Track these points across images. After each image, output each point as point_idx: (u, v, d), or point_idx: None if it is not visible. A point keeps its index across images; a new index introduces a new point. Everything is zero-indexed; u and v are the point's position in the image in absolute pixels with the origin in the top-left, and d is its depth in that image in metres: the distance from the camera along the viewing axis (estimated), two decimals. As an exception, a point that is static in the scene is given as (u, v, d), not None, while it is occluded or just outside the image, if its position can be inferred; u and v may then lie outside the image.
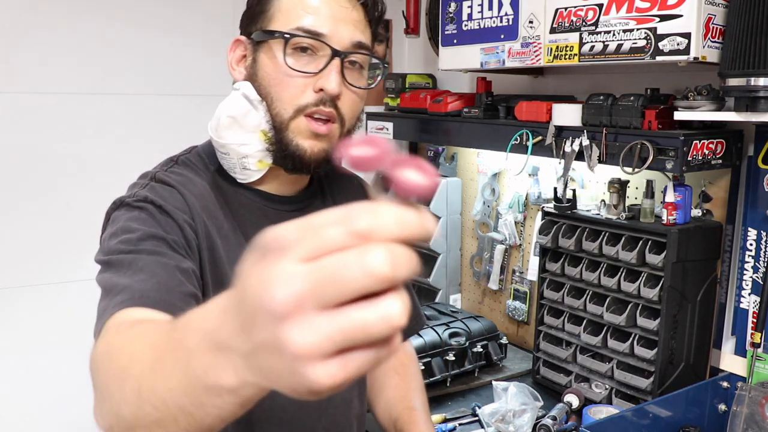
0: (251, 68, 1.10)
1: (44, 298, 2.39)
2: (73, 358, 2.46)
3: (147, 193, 1.00)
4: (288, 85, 1.06)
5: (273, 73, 1.07)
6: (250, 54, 1.12)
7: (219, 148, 1.09)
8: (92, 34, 2.38)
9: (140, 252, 0.94)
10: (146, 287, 0.90)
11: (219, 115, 1.08)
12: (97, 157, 2.44)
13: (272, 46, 1.08)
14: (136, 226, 0.96)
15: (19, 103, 2.29)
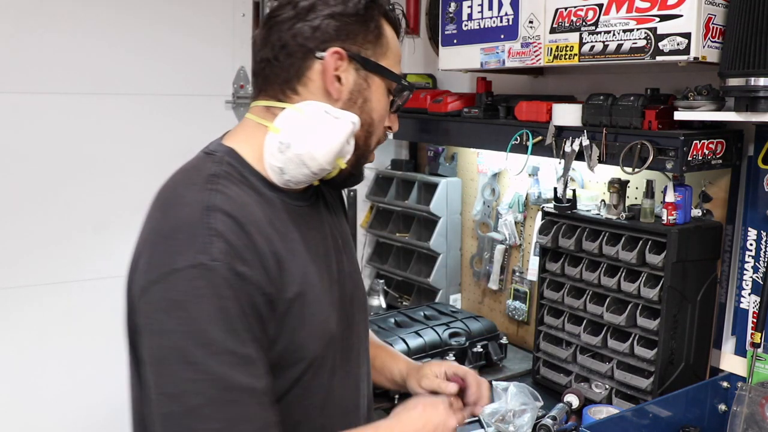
0: (360, 94, 1.10)
1: (44, 298, 2.39)
2: (73, 357, 2.46)
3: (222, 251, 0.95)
4: (383, 121, 1.14)
5: (381, 109, 1.12)
6: (352, 74, 1.10)
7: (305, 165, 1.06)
8: (92, 35, 2.38)
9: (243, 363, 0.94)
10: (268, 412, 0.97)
11: (333, 143, 1.06)
12: (97, 157, 2.44)
13: (384, 83, 1.12)
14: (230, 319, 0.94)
15: (19, 103, 2.29)
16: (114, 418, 2.57)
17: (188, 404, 0.92)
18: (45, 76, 2.32)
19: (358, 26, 1.08)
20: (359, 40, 1.09)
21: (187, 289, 0.93)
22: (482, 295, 2.71)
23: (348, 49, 1.08)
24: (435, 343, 2.09)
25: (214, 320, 0.93)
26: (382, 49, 1.11)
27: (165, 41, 2.52)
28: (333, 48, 1.06)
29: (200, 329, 0.93)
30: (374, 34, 1.10)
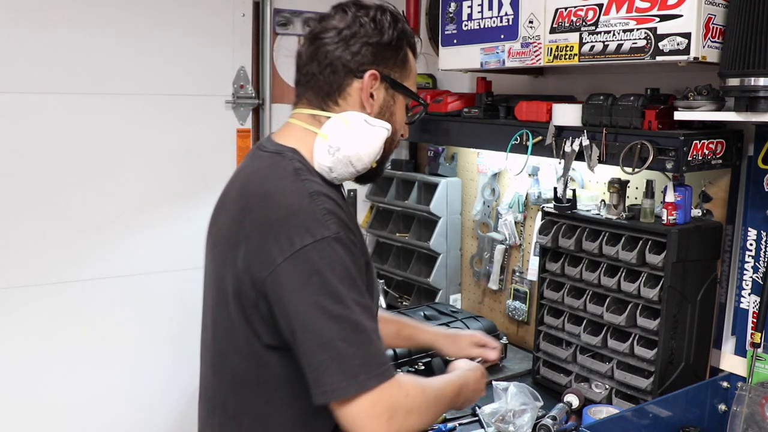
0: (388, 108, 1.35)
1: (44, 298, 2.39)
2: (73, 357, 2.46)
3: (339, 227, 1.19)
4: (399, 132, 1.41)
5: (401, 121, 1.39)
6: (383, 91, 1.35)
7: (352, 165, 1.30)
8: (93, 35, 2.38)
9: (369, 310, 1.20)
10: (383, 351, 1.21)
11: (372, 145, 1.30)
12: (97, 156, 2.44)
13: (404, 99, 1.38)
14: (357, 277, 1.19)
15: (19, 103, 2.29)
16: (114, 416, 2.58)
17: (339, 349, 1.14)
18: (45, 76, 2.32)
19: (390, 53, 1.33)
20: (390, 64, 1.34)
21: (317, 258, 1.15)
22: (482, 295, 2.71)
23: (381, 71, 1.32)
24: (435, 343, 2.09)
25: (343, 280, 1.16)
26: (406, 72, 1.37)
27: (165, 41, 2.51)
28: (370, 70, 1.30)
29: (334, 289, 1.15)
30: (402, 60, 1.36)
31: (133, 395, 2.56)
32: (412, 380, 1.26)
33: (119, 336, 2.53)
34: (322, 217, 1.18)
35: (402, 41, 1.35)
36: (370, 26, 1.31)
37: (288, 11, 2.79)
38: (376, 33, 1.31)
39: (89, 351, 2.49)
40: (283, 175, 1.25)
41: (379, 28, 1.31)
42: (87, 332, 2.48)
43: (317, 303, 1.14)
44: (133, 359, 2.55)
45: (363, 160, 1.29)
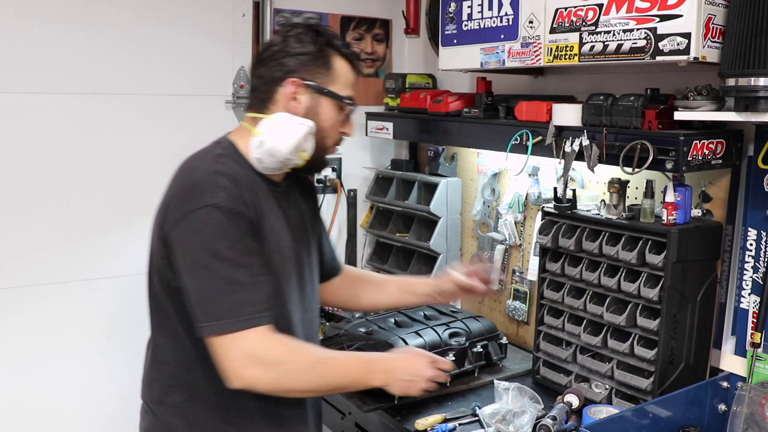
0: (311, 109, 1.55)
1: (44, 298, 2.39)
2: (73, 356, 2.46)
3: (225, 197, 1.42)
4: (336, 129, 1.60)
5: (331, 119, 1.58)
6: (307, 95, 1.55)
7: (272, 156, 1.51)
8: (93, 35, 2.38)
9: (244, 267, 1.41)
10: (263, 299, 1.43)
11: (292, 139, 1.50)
12: (97, 156, 2.44)
13: (334, 101, 1.57)
14: (233, 237, 1.41)
15: (19, 103, 2.29)
16: (115, 415, 2.57)
17: (207, 294, 1.39)
18: (45, 76, 2.32)
19: (310, 61, 1.55)
20: (312, 72, 1.55)
21: (201, 221, 1.40)
22: (482, 295, 2.71)
23: (303, 78, 1.54)
24: (435, 343, 2.09)
25: (223, 241, 1.40)
26: (331, 78, 1.56)
27: (165, 41, 2.51)
28: (291, 78, 1.53)
29: (211, 246, 1.40)
30: (324, 66, 1.55)
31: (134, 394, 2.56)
32: (284, 338, 1.43)
33: (119, 336, 2.53)
34: (212, 190, 1.42)
35: (324, 50, 1.56)
36: (293, 41, 1.55)
37: (288, 11, 2.79)
38: (298, 46, 1.55)
39: (89, 350, 2.49)
40: (204, 158, 1.52)
41: (301, 42, 1.55)
42: (87, 332, 2.48)
43: (196, 258, 1.40)
44: (134, 359, 2.55)
45: (282, 152, 1.49)
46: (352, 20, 2.96)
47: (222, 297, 1.38)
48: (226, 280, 1.38)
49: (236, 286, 1.39)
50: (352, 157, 2.99)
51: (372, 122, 2.78)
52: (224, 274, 1.39)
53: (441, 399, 2.03)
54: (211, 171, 1.46)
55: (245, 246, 1.42)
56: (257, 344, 1.38)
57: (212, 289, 1.39)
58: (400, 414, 1.94)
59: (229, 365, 1.38)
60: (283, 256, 1.55)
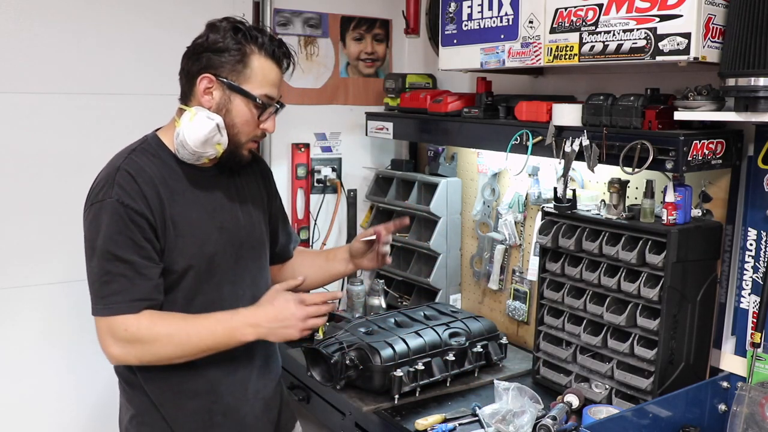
0: (222, 106, 1.61)
1: (44, 298, 2.39)
2: (73, 356, 2.46)
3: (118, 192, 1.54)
4: (251, 125, 1.64)
5: (243, 116, 1.62)
6: (220, 91, 1.61)
7: (185, 149, 1.60)
8: (92, 35, 2.38)
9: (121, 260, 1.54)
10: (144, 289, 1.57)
11: (198, 133, 1.58)
12: (97, 156, 2.42)
13: (244, 100, 1.61)
14: (117, 231, 1.53)
15: (19, 103, 2.29)
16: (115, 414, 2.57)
17: (91, 280, 1.57)
18: (45, 76, 2.32)
19: (224, 58, 1.59)
20: (227, 69, 1.59)
21: (95, 214, 1.54)
22: (482, 295, 2.71)
23: (216, 74, 1.59)
24: (435, 343, 2.09)
25: (106, 235, 1.52)
26: (245, 73, 1.60)
27: (165, 41, 2.51)
28: (204, 74, 1.59)
29: (94, 239, 1.54)
30: (240, 63, 1.59)
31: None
32: (146, 319, 1.55)
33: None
34: (110, 187, 1.54)
35: (242, 49, 1.59)
36: (211, 38, 1.61)
37: (288, 11, 2.79)
38: (213, 44, 1.60)
39: (89, 350, 2.48)
40: (120, 154, 1.64)
41: (218, 39, 1.60)
42: (87, 332, 2.47)
43: (87, 247, 1.56)
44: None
45: (189, 144, 1.58)
46: (352, 20, 2.96)
47: (99, 286, 1.55)
48: (103, 272, 1.53)
49: (111, 278, 1.53)
50: (352, 157, 2.99)
51: (372, 122, 2.79)
52: (102, 266, 1.53)
53: (441, 399, 2.04)
54: (115, 167, 1.58)
55: (130, 241, 1.53)
56: (118, 327, 1.54)
57: (93, 277, 1.56)
58: (400, 414, 1.94)
59: (102, 343, 1.59)
60: (203, 239, 1.64)
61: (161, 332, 1.56)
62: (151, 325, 1.55)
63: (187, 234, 1.61)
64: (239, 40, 1.60)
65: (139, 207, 1.54)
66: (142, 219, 1.54)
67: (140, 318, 1.54)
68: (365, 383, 2.01)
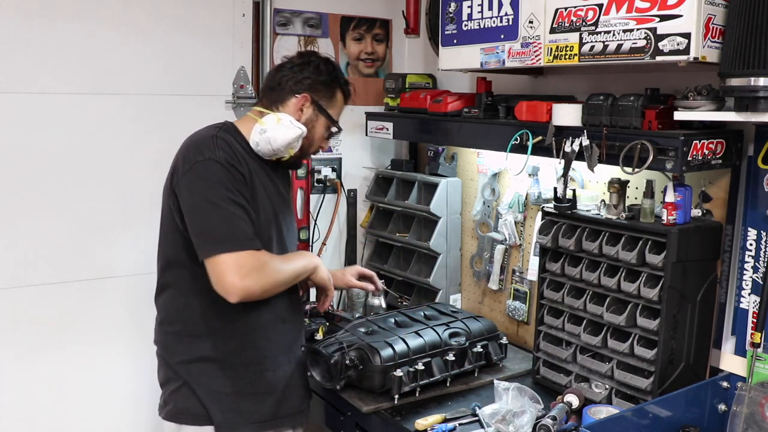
0: (310, 122, 1.94)
1: (45, 298, 2.39)
2: (73, 356, 2.46)
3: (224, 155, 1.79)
4: (320, 142, 2.01)
5: (320, 134, 1.99)
6: (311, 111, 1.95)
7: (267, 144, 1.88)
8: (93, 35, 2.38)
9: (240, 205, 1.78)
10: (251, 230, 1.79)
11: (285, 136, 1.88)
12: (97, 157, 2.44)
13: (326, 121, 1.97)
14: (231, 183, 1.77)
15: (19, 103, 2.29)
16: (114, 415, 2.58)
17: (211, 225, 1.74)
18: (45, 76, 2.32)
19: (322, 87, 1.95)
20: (320, 94, 1.95)
21: (205, 170, 1.77)
22: (482, 295, 2.71)
23: (312, 96, 1.93)
24: (435, 343, 2.09)
25: (223, 185, 1.76)
26: (331, 102, 1.98)
27: (165, 41, 2.52)
28: (304, 93, 1.93)
29: (214, 190, 1.75)
30: (330, 94, 1.97)
31: (134, 394, 2.56)
32: (263, 253, 1.78)
33: (119, 335, 2.53)
34: (213, 149, 1.79)
35: (334, 83, 1.97)
36: (313, 67, 1.95)
37: (288, 11, 2.79)
38: (316, 72, 1.94)
39: (89, 351, 2.49)
40: (207, 131, 1.89)
41: (319, 70, 1.95)
42: (87, 332, 2.48)
43: (203, 198, 1.75)
44: (134, 359, 2.55)
45: (278, 142, 1.86)
46: (352, 20, 2.96)
47: (223, 226, 1.73)
48: (226, 213, 1.74)
49: (234, 218, 1.74)
50: (352, 157, 3.00)
51: (372, 122, 2.79)
52: (224, 209, 1.74)
53: (441, 399, 2.04)
54: (211, 136, 1.84)
55: (239, 192, 1.78)
56: (248, 259, 1.72)
57: (214, 221, 1.74)
58: (400, 414, 1.94)
59: (225, 282, 1.71)
60: (266, 217, 1.89)
61: (277, 261, 1.83)
62: (271, 256, 1.82)
63: (261, 209, 1.86)
64: (332, 74, 1.97)
65: (242, 169, 1.81)
66: (243, 179, 1.80)
67: (262, 252, 1.78)
68: (365, 383, 2.01)
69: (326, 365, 1.99)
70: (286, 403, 1.96)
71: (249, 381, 1.90)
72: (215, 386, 1.87)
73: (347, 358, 1.97)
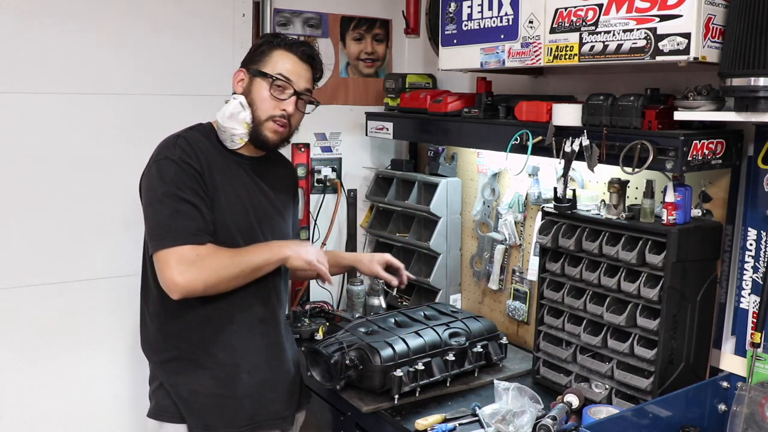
0: (247, 88, 1.91)
1: (44, 298, 2.39)
2: (73, 357, 2.46)
3: (179, 153, 1.81)
4: (267, 102, 1.89)
5: (260, 93, 1.89)
6: (246, 80, 1.92)
7: (220, 128, 1.89)
8: (93, 35, 2.38)
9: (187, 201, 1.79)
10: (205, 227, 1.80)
11: (224, 111, 1.88)
12: (96, 157, 2.43)
13: (263, 80, 1.89)
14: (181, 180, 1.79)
15: (19, 103, 2.29)
16: (113, 416, 2.58)
17: (157, 221, 1.78)
18: (45, 76, 2.32)
19: (255, 56, 1.93)
20: (253, 62, 1.93)
21: (158, 169, 1.81)
22: (482, 295, 2.71)
23: (248, 67, 1.92)
24: (435, 343, 2.09)
25: (173, 183, 1.78)
26: (264, 63, 1.91)
27: (165, 41, 2.51)
28: (239, 69, 1.95)
29: (163, 188, 1.78)
30: (262, 58, 1.91)
31: (134, 394, 2.56)
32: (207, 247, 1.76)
33: (118, 335, 2.53)
34: (172, 149, 1.83)
35: (263, 46, 1.93)
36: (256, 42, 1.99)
37: (288, 11, 2.79)
38: (253, 48, 1.97)
39: (89, 351, 2.49)
40: (178, 132, 1.92)
41: (258, 43, 1.97)
42: (87, 332, 2.48)
43: (154, 195, 1.79)
44: (132, 358, 2.55)
45: (219, 122, 1.89)
46: (352, 20, 2.96)
47: (168, 222, 1.76)
48: (170, 209, 1.76)
49: (177, 215, 1.76)
50: (352, 157, 2.99)
51: (372, 122, 2.79)
52: (169, 206, 1.76)
53: (441, 399, 2.04)
54: (176, 135, 1.89)
55: (190, 188, 1.79)
56: (188, 253, 1.73)
57: (158, 217, 1.77)
58: (400, 414, 1.94)
59: (168, 276, 1.72)
60: (237, 212, 1.88)
61: (224, 254, 1.78)
62: (216, 250, 1.78)
63: (224, 203, 1.85)
64: (270, 41, 1.93)
65: (196, 165, 1.81)
66: (197, 175, 1.81)
67: (207, 246, 1.77)
68: (365, 383, 2.01)
69: (326, 365, 1.99)
70: (267, 407, 1.93)
71: (224, 382, 1.87)
72: (191, 386, 1.87)
73: (347, 358, 1.97)
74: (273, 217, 1.98)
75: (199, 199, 1.79)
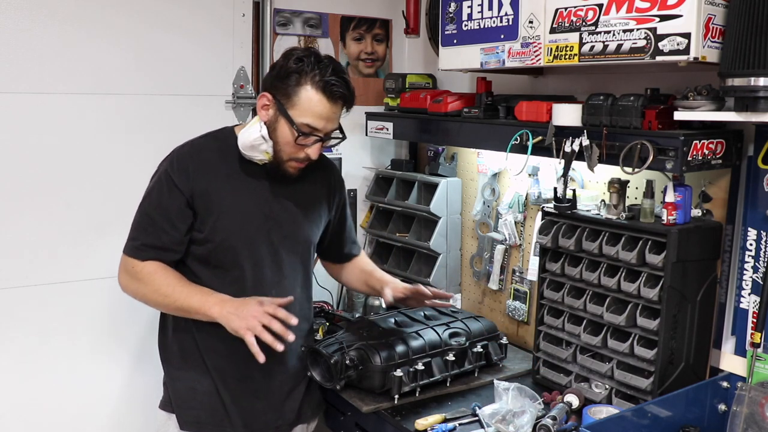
0: (271, 123, 1.84)
1: (45, 298, 2.39)
2: (73, 357, 2.46)
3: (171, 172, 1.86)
4: (290, 146, 1.85)
5: (284, 137, 1.84)
6: (273, 109, 1.84)
7: (240, 147, 1.88)
8: (93, 35, 2.38)
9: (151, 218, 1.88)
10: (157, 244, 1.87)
11: (247, 136, 1.86)
12: (97, 157, 2.44)
13: (288, 125, 1.81)
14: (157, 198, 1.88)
15: (19, 103, 2.29)
16: (114, 416, 2.58)
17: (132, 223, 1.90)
18: (45, 76, 2.32)
19: (281, 84, 1.81)
20: (281, 92, 1.81)
21: (152, 180, 1.92)
22: (482, 295, 2.71)
23: (273, 94, 1.83)
24: (435, 343, 2.09)
25: (150, 196, 1.90)
26: (292, 102, 1.80)
27: (165, 41, 2.51)
28: (264, 92, 1.85)
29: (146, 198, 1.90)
30: (291, 92, 1.80)
31: (133, 393, 2.56)
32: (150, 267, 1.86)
33: (118, 335, 2.53)
34: (169, 161, 1.89)
35: (292, 76, 1.79)
36: (280, 62, 1.84)
37: (288, 11, 2.79)
38: (279, 68, 1.82)
39: (89, 351, 2.49)
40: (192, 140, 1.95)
41: (282, 64, 1.82)
42: (87, 332, 2.48)
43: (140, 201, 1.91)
44: (132, 358, 2.55)
45: (242, 143, 1.87)
46: (352, 20, 2.96)
47: (131, 230, 1.90)
48: (137, 221, 1.90)
49: (138, 227, 1.89)
50: (352, 157, 2.99)
51: (372, 122, 2.79)
52: (137, 217, 1.90)
53: (441, 399, 2.04)
54: (180, 146, 1.93)
55: (160, 205, 1.86)
56: (128, 264, 1.87)
57: (133, 224, 1.91)
58: (400, 414, 1.94)
59: (118, 274, 1.90)
60: (245, 220, 1.89)
61: (154, 281, 1.84)
62: (152, 272, 1.85)
63: (230, 211, 1.87)
64: (299, 69, 1.78)
65: (183, 186, 1.84)
66: (180, 195, 1.84)
67: (145, 264, 1.86)
68: (365, 383, 2.01)
69: (326, 365, 1.99)
70: (257, 416, 1.97)
71: (216, 386, 1.94)
72: (188, 384, 1.95)
73: (347, 358, 1.97)
74: (287, 226, 1.95)
75: (164, 220, 1.85)
